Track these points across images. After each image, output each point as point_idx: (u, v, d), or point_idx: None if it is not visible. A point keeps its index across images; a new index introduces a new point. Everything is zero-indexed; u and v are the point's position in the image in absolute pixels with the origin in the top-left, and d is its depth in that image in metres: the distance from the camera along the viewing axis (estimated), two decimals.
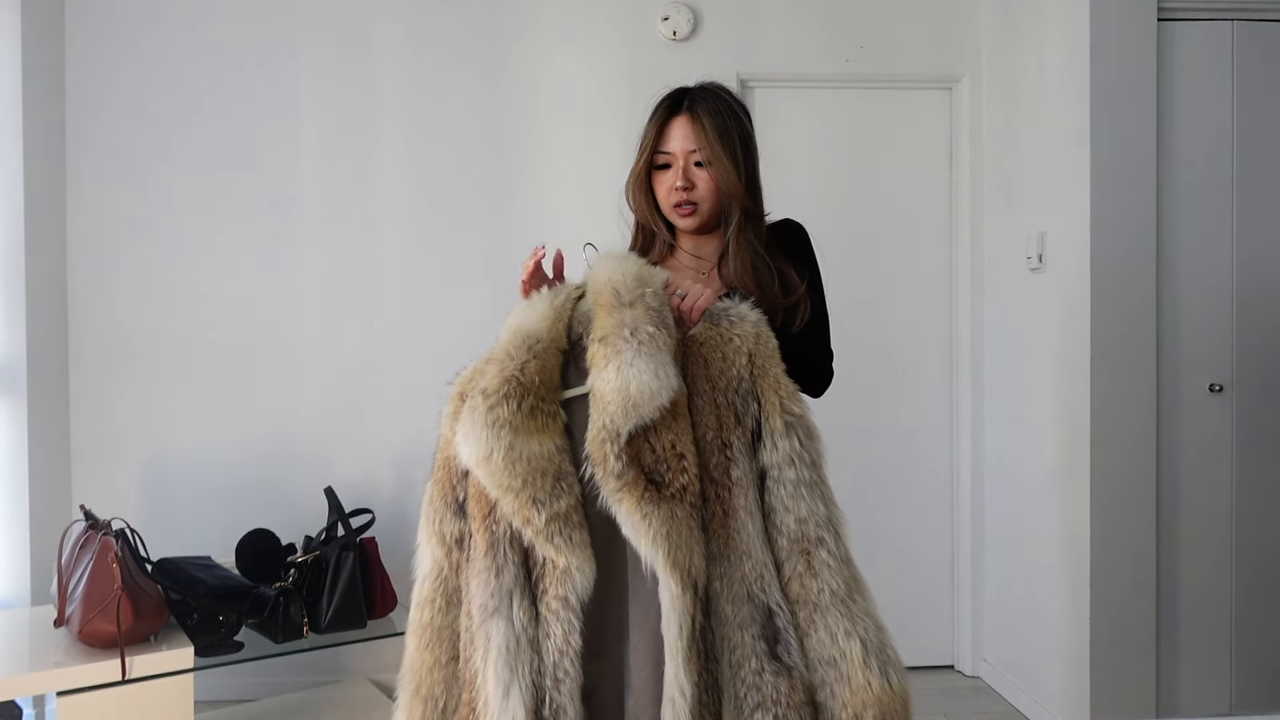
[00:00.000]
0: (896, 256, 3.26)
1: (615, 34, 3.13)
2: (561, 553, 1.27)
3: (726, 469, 1.33)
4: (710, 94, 1.57)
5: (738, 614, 1.30)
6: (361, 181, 3.08)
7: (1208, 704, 2.66)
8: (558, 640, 1.28)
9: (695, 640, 1.26)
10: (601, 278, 1.34)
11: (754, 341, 1.37)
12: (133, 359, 3.01)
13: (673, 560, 1.25)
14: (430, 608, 1.39)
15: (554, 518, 1.26)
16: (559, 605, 1.28)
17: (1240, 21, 2.67)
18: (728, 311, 1.38)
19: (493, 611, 1.29)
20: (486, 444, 1.25)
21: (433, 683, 1.38)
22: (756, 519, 1.33)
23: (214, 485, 3.01)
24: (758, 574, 1.31)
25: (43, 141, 2.86)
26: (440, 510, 1.39)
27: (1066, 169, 2.70)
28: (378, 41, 3.08)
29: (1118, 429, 2.60)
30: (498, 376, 1.29)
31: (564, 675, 1.28)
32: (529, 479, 1.26)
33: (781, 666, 1.28)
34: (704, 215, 1.58)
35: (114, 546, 2.00)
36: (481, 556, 1.32)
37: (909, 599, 3.26)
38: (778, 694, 1.27)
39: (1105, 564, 2.59)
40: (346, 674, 2.99)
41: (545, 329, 1.33)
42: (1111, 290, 2.59)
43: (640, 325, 1.28)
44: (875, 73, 3.21)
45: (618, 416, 1.25)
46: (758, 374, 1.36)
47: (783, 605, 1.30)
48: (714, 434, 1.33)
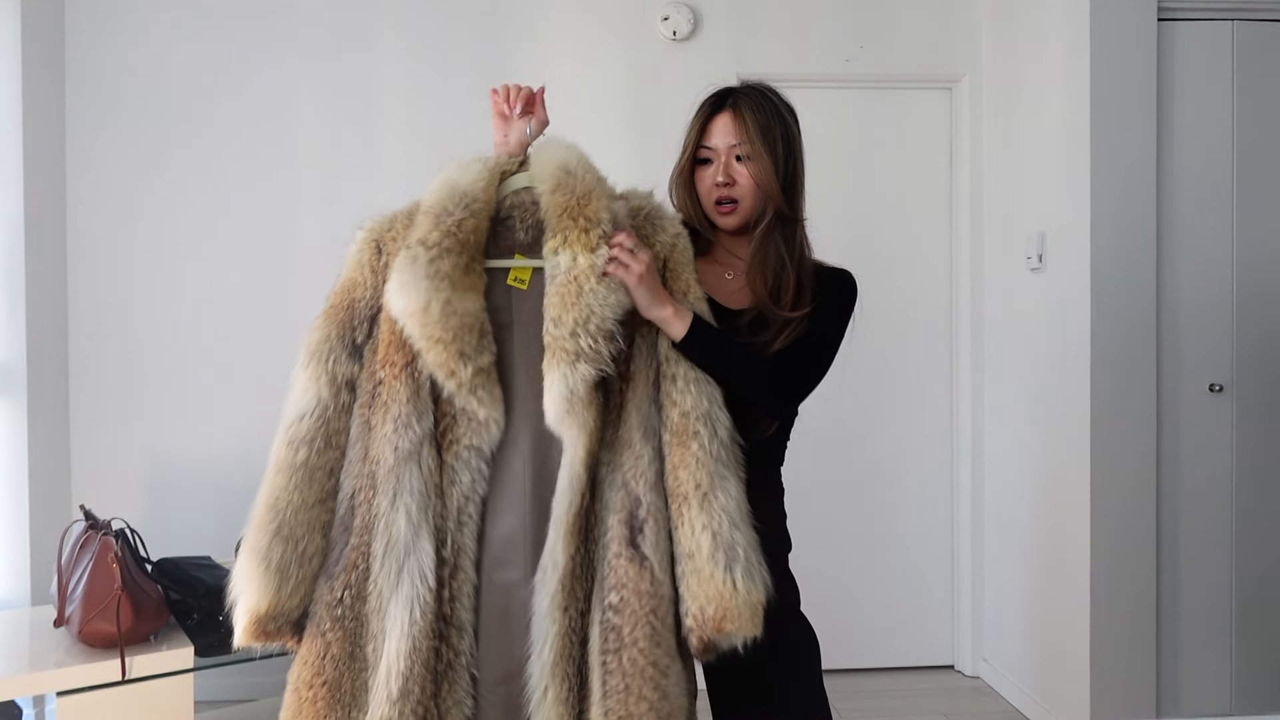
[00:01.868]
0: (896, 256, 3.26)
1: (615, 34, 3.13)
2: (483, 405, 1.34)
3: (627, 362, 1.39)
4: (756, 92, 1.56)
5: (614, 499, 1.37)
6: (362, 181, 3.08)
7: (1208, 704, 2.66)
8: (464, 487, 1.35)
9: (579, 518, 1.34)
10: (549, 164, 1.40)
11: (670, 249, 1.45)
12: (133, 359, 3.01)
13: (578, 428, 1.32)
14: (307, 447, 1.37)
15: (479, 371, 1.33)
16: (470, 454, 1.36)
17: (1240, 21, 2.67)
18: (654, 216, 1.46)
19: (407, 455, 1.34)
20: (424, 295, 1.30)
21: (297, 523, 1.35)
22: (643, 411, 1.39)
23: (214, 485, 3.01)
24: (632, 463, 1.37)
25: (43, 141, 2.86)
26: (335, 349, 1.40)
27: (1066, 169, 2.70)
28: (378, 41, 3.08)
29: (1118, 429, 2.60)
30: (436, 229, 1.33)
31: (467, 519, 1.35)
32: (459, 333, 1.32)
33: (636, 554, 1.34)
34: (745, 214, 1.54)
35: (114, 546, 1.99)
36: (405, 403, 1.35)
37: (909, 599, 3.26)
38: (627, 578, 1.33)
39: (1105, 564, 2.59)
40: None
41: (480, 190, 1.39)
42: (1111, 290, 2.59)
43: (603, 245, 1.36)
44: (875, 73, 3.21)
45: (610, 309, 1.33)
46: (670, 277, 1.43)
47: (646, 497, 1.35)
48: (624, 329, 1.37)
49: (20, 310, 2.73)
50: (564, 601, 1.32)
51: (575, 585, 1.33)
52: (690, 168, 1.57)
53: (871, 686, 3.09)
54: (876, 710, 2.93)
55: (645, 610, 1.32)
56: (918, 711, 2.94)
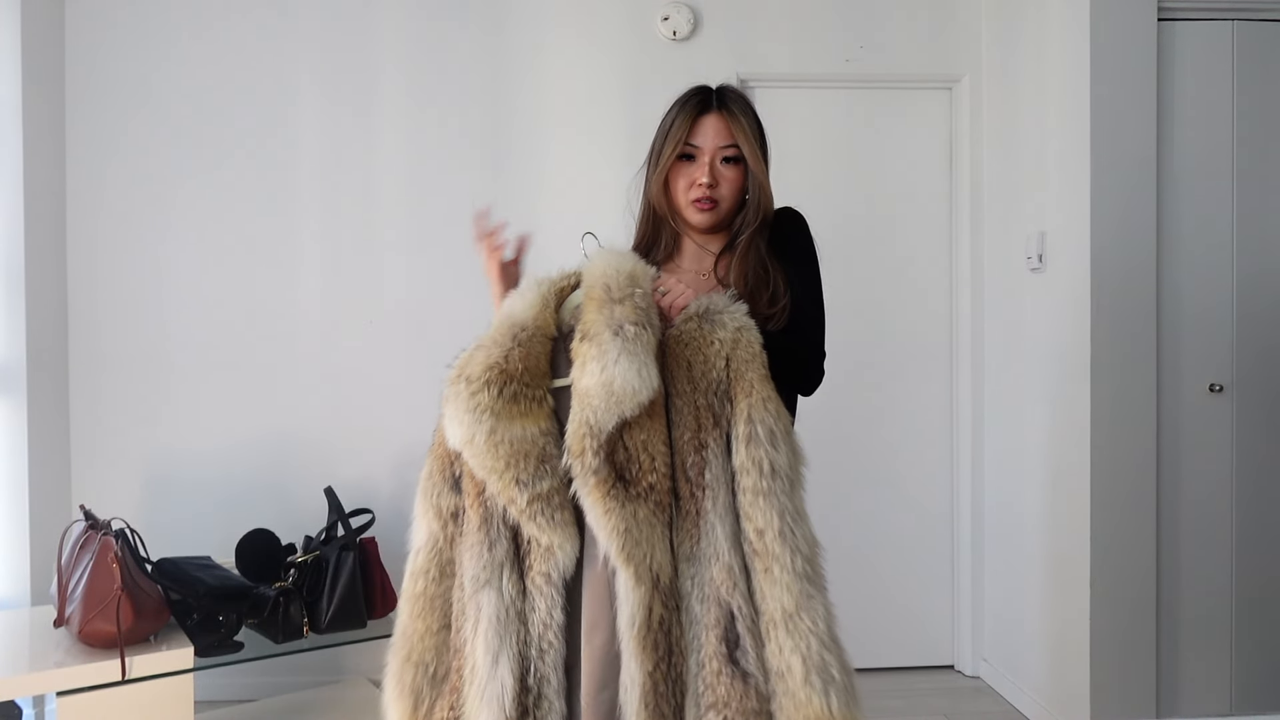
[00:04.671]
0: (896, 256, 3.26)
1: (615, 34, 3.13)
2: (544, 531, 1.33)
3: (701, 470, 1.35)
4: (739, 95, 1.61)
5: (706, 614, 1.33)
6: (362, 182, 3.08)
7: (1208, 704, 2.66)
8: (541, 614, 1.34)
9: (651, 633, 1.30)
10: (597, 271, 1.37)
11: (732, 345, 1.37)
12: (133, 359, 3.01)
13: (627, 554, 1.29)
14: (424, 578, 1.44)
15: (536, 498, 1.32)
16: (542, 580, 1.34)
17: (1240, 21, 2.67)
18: (712, 313, 1.39)
19: (484, 583, 1.35)
20: (469, 428, 1.32)
21: (424, 649, 1.43)
22: (727, 522, 1.34)
23: (214, 485, 3.01)
24: (724, 577, 1.32)
25: (43, 141, 2.86)
26: (438, 484, 1.45)
27: (1066, 169, 2.70)
28: (378, 40, 3.08)
29: (1118, 429, 2.60)
30: (482, 364, 1.34)
31: (548, 646, 1.34)
32: (511, 461, 1.31)
33: (738, 671, 1.30)
34: (721, 214, 1.59)
35: (114, 546, 2.00)
36: (475, 531, 1.38)
37: (909, 599, 3.26)
38: (730, 696, 1.29)
39: (1105, 564, 2.59)
40: (346, 674, 2.99)
41: (532, 317, 1.39)
42: (1111, 290, 2.59)
43: (626, 323, 1.31)
44: (875, 73, 3.21)
45: (600, 412, 1.29)
46: (734, 377, 1.37)
47: (743, 610, 1.31)
48: (691, 434, 1.35)
49: (20, 310, 2.73)
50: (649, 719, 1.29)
51: (660, 703, 1.30)
52: (671, 164, 1.60)
53: (871, 686, 3.09)
54: (876, 710, 2.92)
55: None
56: (918, 711, 2.94)
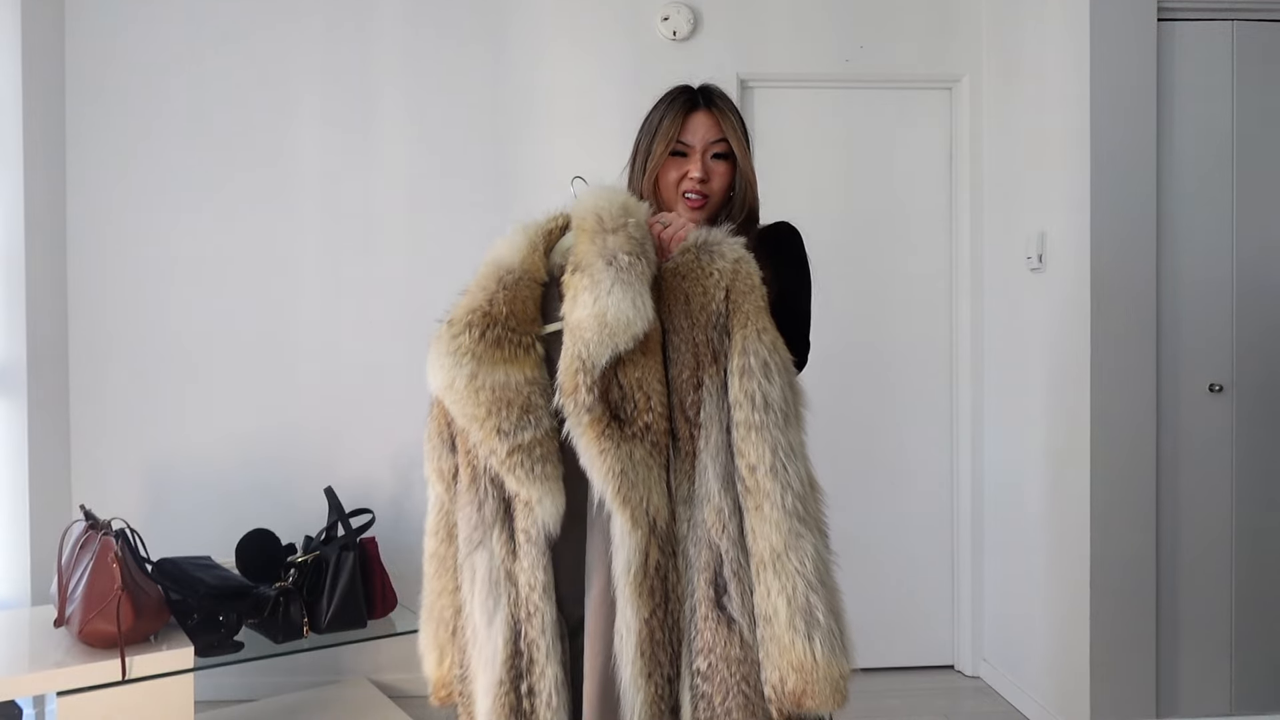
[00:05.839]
0: (896, 256, 3.26)
1: (615, 34, 3.13)
2: (523, 485, 1.27)
3: (698, 408, 1.28)
4: (723, 93, 1.63)
5: (699, 557, 1.27)
6: (362, 183, 3.08)
7: (1208, 704, 2.66)
8: (526, 573, 1.30)
9: (648, 578, 1.25)
10: (588, 204, 1.32)
11: (732, 276, 1.29)
12: (133, 359, 3.01)
13: (623, 497, 1.24)
14: (435, 538, 1.45)
15: (517, 449, 1.26)
16: (524, 538, 1.30)
17: (1240, 21, 2.67)
18: (710, 245, 1.32)
19: (476, 544, 1.33)
20: (449, 371, 1.27)
21: (443, 606, 1.44)
22: (720, 461, 1.27)
23: (214, 485, 3.01)
24: (714, 519, 1.26)
25: (43, 141, 2.86)
26: (437, 447, 1.42)
27: (1066, 169, 2.70)
28: (378, 38, 3.08)
29: (1118, 429, 2.60)
30: (465, 307, 1.32)
31: (534, 609, 1.29)
32: (493, 408, 1.26)
33: (723, 615, 1.25)
34: (711, 209, 1.60)
35: (114, 546, 2.00)
36: (466, 490, 1.35)
37: (909, 599, 3.26)
38: (715, 641, 1.25)
39: (1105, 564, 2.59)
40: (346, 674, 2.99)
41: (519, 260, 1.35)
42: (1111, 290, 2.59)
43: (620, 252, 1.25)
44: (875, 73, 3.21)
45: (593, 345, 1.22)
46: (732, 309, 1.29)
47: (730, 554, 1.25)
48: (690, 372, 1.29)
49: (20, 310, 2.73)
50: (646, 668, 1.25)
51: (657, 650, 1.26)
52: (662, 161, 1.61)
53: (871, 686, 3.09)
54: (876, 710, 2.92)
55: (736, 678, 1.24)
56: (918, 711, 2.94)
